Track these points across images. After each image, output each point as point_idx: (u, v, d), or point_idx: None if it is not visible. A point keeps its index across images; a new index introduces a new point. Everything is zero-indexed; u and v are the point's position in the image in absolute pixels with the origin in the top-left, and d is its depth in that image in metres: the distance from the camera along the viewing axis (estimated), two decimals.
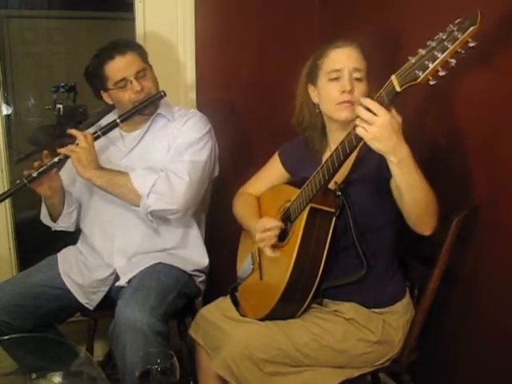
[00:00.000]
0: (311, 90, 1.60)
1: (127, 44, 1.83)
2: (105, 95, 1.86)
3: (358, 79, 1.50)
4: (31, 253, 2.23)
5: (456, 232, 1.51)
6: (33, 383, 1.42)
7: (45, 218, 1.98)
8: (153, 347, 1.49)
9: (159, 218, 1.80)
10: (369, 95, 1.48)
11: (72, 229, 2.00)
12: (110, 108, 1.99)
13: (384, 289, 1.58)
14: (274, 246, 1.57)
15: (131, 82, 1.78)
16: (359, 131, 1.24)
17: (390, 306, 1.56)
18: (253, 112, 2.34)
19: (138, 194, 1.73)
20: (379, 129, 1.20)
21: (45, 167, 1.73)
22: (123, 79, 1.78)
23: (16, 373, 1.54)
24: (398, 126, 1.22)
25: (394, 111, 1.24)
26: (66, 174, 1.92)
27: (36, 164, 1.74)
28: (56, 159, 1.73)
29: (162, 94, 1.81)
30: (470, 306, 1.66)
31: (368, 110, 1.21)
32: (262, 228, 1.56)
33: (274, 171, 1.80)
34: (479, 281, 1.62)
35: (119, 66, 1.77)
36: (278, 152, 1.81)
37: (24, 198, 2.25)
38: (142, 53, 1.84)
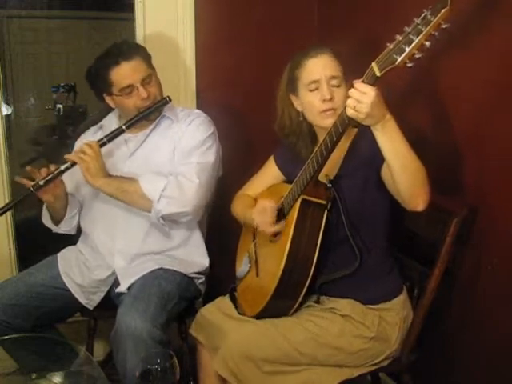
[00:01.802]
0: (293, 99, 1.63)
1: (132, 48, 1.81)
2: (107, 98, 1.85)
3: (336, 86, 1.53)
4: (31, 253, 2.24)
5: (455, 232, 1.51)
6: (33, 383, 1.42)
7: (46, 220, 1.99)
8: None
9: (170, 221, 1.80)
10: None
11: (73, 232, 2.01)
12: (109, 109, 1.98)
13: (380, 284, 1.59)
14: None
15: (137, 88, 1.77)
16: (351, 113, 1.27)
17: (386, 301, 1.57)
18: (253, 113, 2.33)
19: (148, 199, 1.73)
20: (370, 107, 1.24)
21: (51, 176, 1.73)
22: (129, 86, 1.77)
23: (16, 373, 1.54)
24: (381, 97, 1.27)
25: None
26: (68, 178, 1.89)
27: (42, 171, 1.73)
28: (62, 168, 1.73)
29: (168, 99, 1.81)
30: (470, 306, 1.66)
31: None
32: (259, 209, 1.60)
33: (269, 174, 1.82)
34: (479, 281, 1.62)
35: (125, 73, 1.76)
36: (273, 155, 1.83)
37: (24, 198, 2.25)
38: (146, 57, 1.82)
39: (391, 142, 1.31)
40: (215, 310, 1.66)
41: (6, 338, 1.57)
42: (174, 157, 1.83)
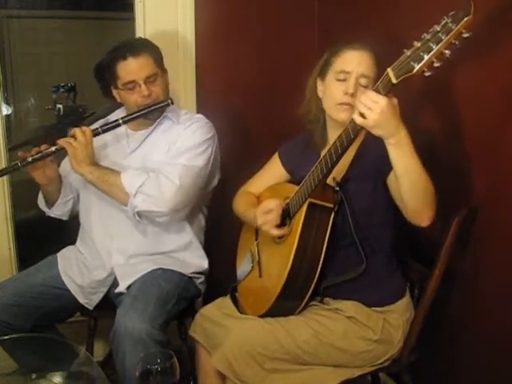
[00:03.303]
0: (319, 83, 1.62)
1: (143, 45, 1.81)
2: (114, 92, 1.86)
3: (363, 85, 1.50)
4: (31, 253, 2.23)
5: (456, 232, 1.51)
6: (33, 383, 1.42)
7: (41, 203, 2.01)
8: None
9: (147, 218, 1.80)
10: None
11: (65, 217, 2.02)
12: (118, 104, 1.99)
13: (384, 287, 1.58)
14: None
15: (140, 85, 1.77)
16: (360, 121, 1.26)
17: (390, 304, 1.57)
18: (253, 113, 2.34)
19: (126, 192, 1.73)
20: (379, 115, 1.23)
21: (40, 154, 1.75)
22: (132, 81, 1.77)
23: (16, 373, 1.54)
24: (395, 108, 1.26)
25: (390, 96, 1.27)
26: (68, 165, 1.89)
27: (33, 150, 1.75)
28: (53, 149, 1.75)
29: (169, 102, 1.79)
30: (470, 306, 1.66)
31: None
32: (264, 210, 1.58)
33: (274, 171, 1.81)
34: (479, 281, 1.62)
35: (130, 68, 1.76)
36: (278, 152, 1.81)
37: (24, 198, 2.26)
38: (156, 56, 1.82)
39: (404, 158, 1.30)
40: (215, 310, 1.66)
41: (5, 338, 1.57)
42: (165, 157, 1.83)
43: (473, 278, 1.64)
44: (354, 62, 1.51)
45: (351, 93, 1.49)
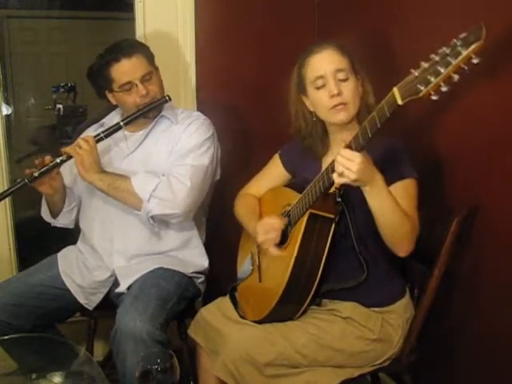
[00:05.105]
0: (305, 99, 1.61)
1: (134, 46, 1.82)
2: (109, 95, 1.86)
3: (342, 80, 1.50)
4: (31, 253, 2.24)
5: (456, 232, 1.51)
6: (33, 383, 1.42)
7: (45, 214, 2.00)
8: None
9: (160, 221, 1.80)
10: (361, 86, 1.54)
11: (71, 226, 2.01)
12: (111, 108, 1.99)
13: (384, 288, 1.58)
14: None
15: (137, 85, 1.77)
16: (340, 180, 1.30)
17: (389, 305, 1.56)
18: (253, 113, 2.34)
19: (139, 198, 1.73)
20: (357, 173, 1.26)
21: (47, 167, 1.73)
22: (129, 82, 1.77)
23: (16, 373, 1.54)
24: (368, 160, 1.30)
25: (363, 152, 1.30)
26: (67, 172, 1.91)
27: (37, 163, 1.74)
28: (58, 160, 1.73)
29: (167, 98, 1.80)
30: (470, 306, 1.66)
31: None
32: (264, 230, 1.57)
33: (274, 172, 1.80)
34: (479, 281, 1.62)
35: (125, 69, 1.76)
36: (279, 152, 1.81)
37: (24, 198, 2.25)
38: (148, 55, 1.82)
39: (378, 201, 1.34)
40: (215, 310, 1.66)
41: (5, 338, 1.57)
42: (170, 158, 1.83)
43: (473, 277, 1.64)
44: (321, 64, 1.51)
45: (336, 93, 1.49)
